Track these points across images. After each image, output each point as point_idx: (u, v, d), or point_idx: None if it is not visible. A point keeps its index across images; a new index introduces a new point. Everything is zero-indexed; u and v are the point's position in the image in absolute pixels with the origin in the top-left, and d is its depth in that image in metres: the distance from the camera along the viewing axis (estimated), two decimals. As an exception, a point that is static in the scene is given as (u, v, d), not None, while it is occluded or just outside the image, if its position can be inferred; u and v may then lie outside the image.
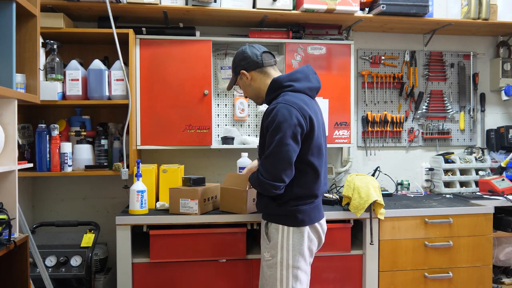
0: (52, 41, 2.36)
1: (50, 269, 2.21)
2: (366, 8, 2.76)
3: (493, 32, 3.18)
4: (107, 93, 2.45)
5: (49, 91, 2.34)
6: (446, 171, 3.04)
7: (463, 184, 3.05)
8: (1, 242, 1.47)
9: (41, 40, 2.24)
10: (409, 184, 3.12)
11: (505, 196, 2.68)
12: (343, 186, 2.50)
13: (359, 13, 2.71)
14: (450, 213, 2.47)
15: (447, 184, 3.05)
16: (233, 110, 2.87)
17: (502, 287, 2.77)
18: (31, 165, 1.88)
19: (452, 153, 3.11)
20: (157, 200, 2.50)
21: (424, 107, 3.17)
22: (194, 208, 2.25)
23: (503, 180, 2.82)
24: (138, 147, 2.56)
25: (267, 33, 2.76)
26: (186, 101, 2.58)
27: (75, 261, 2.24)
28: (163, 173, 2.47)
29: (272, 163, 1.72)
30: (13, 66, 1.63)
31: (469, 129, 3.24)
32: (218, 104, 2.88)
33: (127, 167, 2.45)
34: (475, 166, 3.06)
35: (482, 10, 2.83)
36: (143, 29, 2.59)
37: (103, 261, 2.52)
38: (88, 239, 2.32)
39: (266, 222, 1.87)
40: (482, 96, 3.25)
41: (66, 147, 2.41)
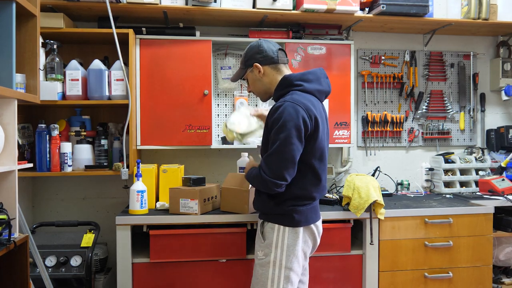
0: (52, 41, 2.36)
1: (50, 269, 2.21)
2: (366, 8, 2.76)
3: (493, 32, 3.18)
4: (107, 93, 2.45)
5: (49, 91, 2.34)
6: (446, 171, 3.04)
7: (463, 184, 3.05)
8: (1, 242, 1.47)
9: (41, 40, 2.24)
10: (409, 184, 3.12)
11: (505, 196, 2.68)
12: (343, 186, 2.50)
13: (359, 13, 2.71)
14: (450, 213, 2.47)
15: (447, 184, 3.05)
16: (233, 110, 2.87)
17: (502, 287, 2.77)
18: (31, 165, 1.88)
19: (452, 153, 3.11)
20: (157, 200, 2.50)
21: (424, 107, 3.17)
22: (194, 208, 2.25)
23: (503, 180, 2.82)
24: (138, 147, 2.56)
25: (267, 33, 2.76)
26: (186, 101, 2.58)
27: (75, 261, 2.24)
28: (163, 173, 2.47)
29: (276, 161, 1.71)
30: (13, 66, 1.63)
31: (469, 129, 3.24)
32: (218, 104, 2.88)
33: (127, 167, 2.45)
34: (475, 166, 3.06)
35: (482, 10, 2.83)
36: (143, 29, 2.59)
37: (103, 261, 2.52)
38: (88, 239, 2.32)
39: (262, 221, 1.86)
40: (482, 96, 3.25)
41: (66, 147, 2.41)
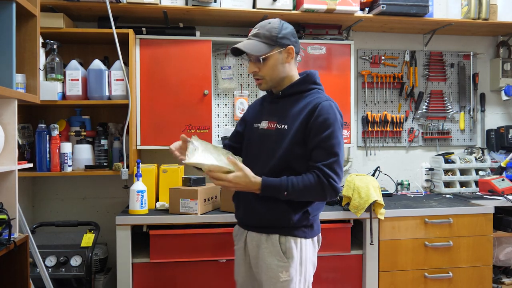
0: (52, 41, 2.36)
1: (50, 269, 2.21)
2: (366, 8, 2.76)
3: (493, 32, 3.18)
4: (107, 93, 2.45)
5: (49, 91, 2.34)
6: (446, 171, 3.04)
7: (463, 184, 3.05)
8: (1, 242, 1.47)
9: (41, 40, 2.23)
10: (409, 184, 3.12)
11: (505, 196, 2.68)
12: (343, 186, 2.50)
13: (359, 13, 2.71)
14: (450, 213, 2.47)
15: (447, 184, 3.05)
16: (233, 110, 2.87)
17: (502, 287, 2.77)
18: (31, 165, 1.88)
19: (452, 153, 3.11)
20: (157, 200, 2.51)
21: (424, 107, 3.17)
22: (194, 208, 2.25)
23: (503, 180, 2.82)
24: (138, 147, 2.56)
25: (267, 33, 2.75)
26: (186, 101, 2.58)
27: (75, 261, 2.24)
28: (163, 173, 2.47)
29: (341, 165, 1.58)
30: (13, 66, 1.63)
31: (469, 129, 3.24)
32: (218, 104, 2.88)
33: (127, 167, 2.45)
34: (475, 166, 3.06)
35: (482, 10, 2.83)
36: (143, 29, 2.59)
37: (103, 261, 2.52)
38: (88, 239, 2.31)
39: (279, 236, 1.62)
40: (482, 96, 3.25)
41: (66, 147, 2.41)
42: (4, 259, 1.56)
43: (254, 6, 2.58)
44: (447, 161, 3.04)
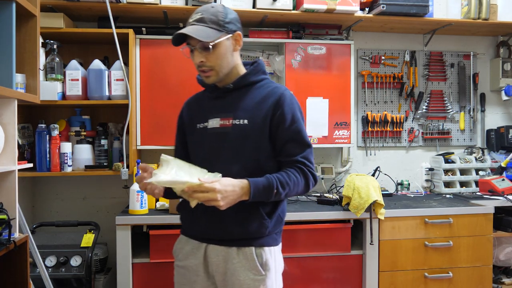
0: (52, 41, 2.36)
1: (50, 269, 2.21)
2: (366, 8, 2.76)
3: (493, 32, 3.18)
4: (107, 93, 2.45)
5: (49, 91, 2.34)
6: (446, 171, 3.04)
7: (463, 184, 3.05)
8: (1, 242, 1.47)
9: (41, 40, 2.23)
10: (409, 184, 3.12)
11: (505, 196, 2.68)
12: (343, 186, 2.50)
13: (359, 13, 2.71)
14: (450, 213, 2.47)
15: (447, 184, 3.05)
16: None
17: (502, 287, 2.77)
18: (31, 165, 1.88)
19: (452, 153, 3.11)
20: (157, 200, 2.50)
21: (424, 107, 3.17)
22: (194, 208, 2.25)
23: (503, 180, 2.82)
24: (138, 147, 2.56)
25: (267, 33, 2.76)
26: (186, 101, 2.58)
27: (75, 261, 2.24)
28: (163, 173, 2.46)
29: (313, 154, 1.51)
30: (13, 66, 1.63)
31: (469, 129, 3.24)
32: (218, 104, 2.87)
33: (127, 167, 2.45)
34: (475, 166, 3.06)
35: (482, 10, 2.83)
36: (143, 29, 2.59)
37: (103, 261, 2.52)
38: (88, 239, 2.31)
39: (254, 249, 1.46)
40: (482, 96, 3.25)
41: (66, 147, 2.41)
42: (4, 259, 1.56)
43: (254, 6, 2.58)
44: (447, 161, 3.04)
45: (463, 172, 3.08)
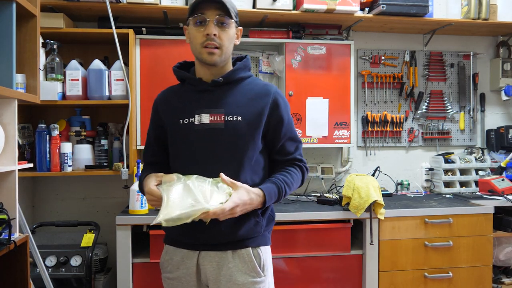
0: (52, 41, 2.36)
1: (50, 269, 2.21)
2: (366, 8, 2.76)
3: (493, 32, 3.18)
4: (107, 93, 2.45)
5: (49, 91, 2.34)
6: (446, 171, 3.04)
7: (463, 184, 3.05)
8: (1, 242, 1.47)
9: (41, 40, 2.23)
10: (409, 184, 3.12)
11: (505, 196, 2.68)
12: (343, 186, 2.50)
13: (359, 13, 2.71)
14: (450, 213, 2.47)
15: (447, 184, 3.05)
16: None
17: (502, 287, 2.77)
18: (31, 165, 1.88)
19: (452, 153, 3.11)
20: (157, 200, 2.50)
21: (424, 107, 3.17)
22: (194, 208, 2.25)
23: (503, 180, 2.82)
24: (138, 147, 2.56)
25: (267, 33, 2.76)
26: (186, 101, 2.58)
27: (75, 261, 2.24)
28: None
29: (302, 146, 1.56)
30: (13, 66, 1.63)
31: (469, 129, 3.24)
32: (218, 104, 2.87)
33: (127, 167, 2.45)
34: (475, 166, 3.06)
35: (482, 10, 2.83)
36: (143, 29, 2.59)
37: (103, 261, 2.52)
38: (88, 239, 2.31)
39: (251, 249, 1.42)
40: (482, 96, 3.25)
41: (66, 147, 2.41)
42: (4, 259, 1.56)
43: (254, 6, 2.58)
44: (447, 161, 3.05)
45: (463, 172, 3.08)
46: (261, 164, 1.47)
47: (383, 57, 3.11)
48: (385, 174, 3.06)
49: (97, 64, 2.44)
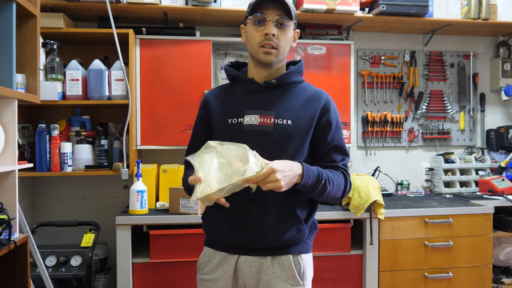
0: (52, 41, 2.36)
1: (50, 269, 2.21)
2: (366, 8, 2.76)
3: (493, 32, 3.18)
4: (107, 93, 2.45)
5: (49, 91, 2.34)
6: (446, 171, 3.04)
7: (463, 184, 3.05)
8: (1, 242, 1.47)
9: (41, 40, 2.23)
10: (409, 184, 3.12)
11: (505, 196, 2.68)
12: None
13: (359, 13, 2.71)
14: (450, 213, 2.47)
15: (447, 184, 3.05)
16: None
17: (502, 287, 2.77)
18: (31, 165, 1.88)
19: (452, 153, 3.11)
20: (157, 200, 2.50)
21: (424, 107, 3.17)
22: (194, 208, 2.25)
23: (503, 180, 2.82)
24: (138, 147, 2.56)
25: (267, 33, 2.76)
26: (186, 101, 2.58)
27: (75, 261, 2.24)
28: (163, 173, 2.47)
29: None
30: (13, 66, 1.63)
31: (469, 129, 3.24)
32: (218, 104, 2.87)
33: (127, 167, 2.45)
34: (475, 166, 3.06)
35: (482, 10, 2.83)
36: (143, 29, 2.59)
37: (103, 261, 2.52)
38: (88, 239, 2.32)
39: (292, 256, 1.39)
40: (482, 96, 3.25)
41: (66, 147, 2.41)
42: (4, 259, 1.56)
43: (254, 6, 2.57)
44: (447, 161, 3.05)
45: (463, 172, 3.08)
46: None
47: (383, 57, 3.11)
48: (385, 174, 3.06)
49: (97, 64, 2.44)
